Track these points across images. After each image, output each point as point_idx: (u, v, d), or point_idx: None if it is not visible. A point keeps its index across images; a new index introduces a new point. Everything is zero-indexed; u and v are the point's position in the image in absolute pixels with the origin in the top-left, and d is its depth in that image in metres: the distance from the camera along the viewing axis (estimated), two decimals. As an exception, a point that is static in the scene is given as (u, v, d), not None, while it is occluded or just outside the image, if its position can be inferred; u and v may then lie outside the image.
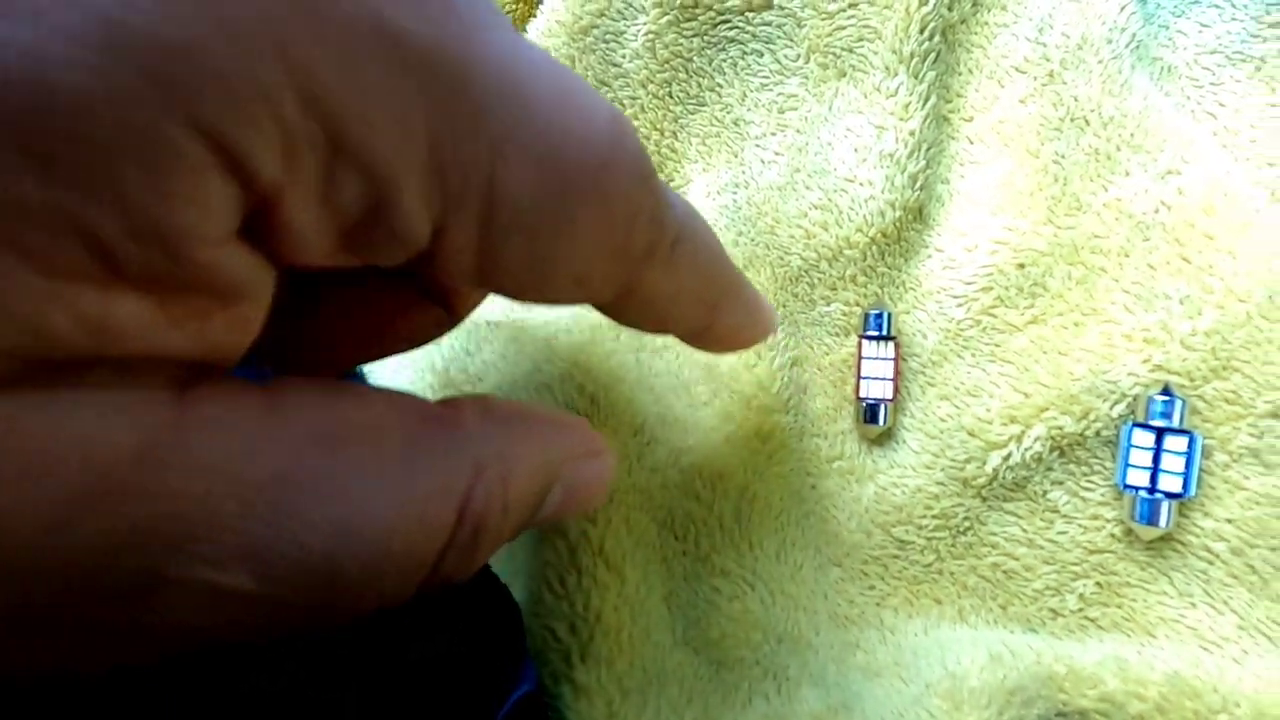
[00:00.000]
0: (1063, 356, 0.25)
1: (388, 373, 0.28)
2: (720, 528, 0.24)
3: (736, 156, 0.30)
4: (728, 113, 0.30)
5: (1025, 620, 0.24)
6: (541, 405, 0.23)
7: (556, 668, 0.18)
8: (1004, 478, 0.25)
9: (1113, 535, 0.24)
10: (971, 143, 0.28)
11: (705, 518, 0.24)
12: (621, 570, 0.20)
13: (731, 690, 0.21)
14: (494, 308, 0.29)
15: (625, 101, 0.30)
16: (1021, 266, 0.26)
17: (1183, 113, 0.27)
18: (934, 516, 0.25)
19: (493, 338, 0.27)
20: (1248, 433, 0.22)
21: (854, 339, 0.27)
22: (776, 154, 0.29)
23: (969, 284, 0.27)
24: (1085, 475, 0.24)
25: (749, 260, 0.29)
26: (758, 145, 0.29)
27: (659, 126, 0.30)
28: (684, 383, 0.28)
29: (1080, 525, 0.24)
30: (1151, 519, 0.22)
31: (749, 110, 0.30)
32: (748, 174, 0.29)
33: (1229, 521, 0.22)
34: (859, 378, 0.26)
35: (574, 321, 0.28)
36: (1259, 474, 0.22)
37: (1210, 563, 0.23)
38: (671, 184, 0.31)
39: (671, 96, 0.30)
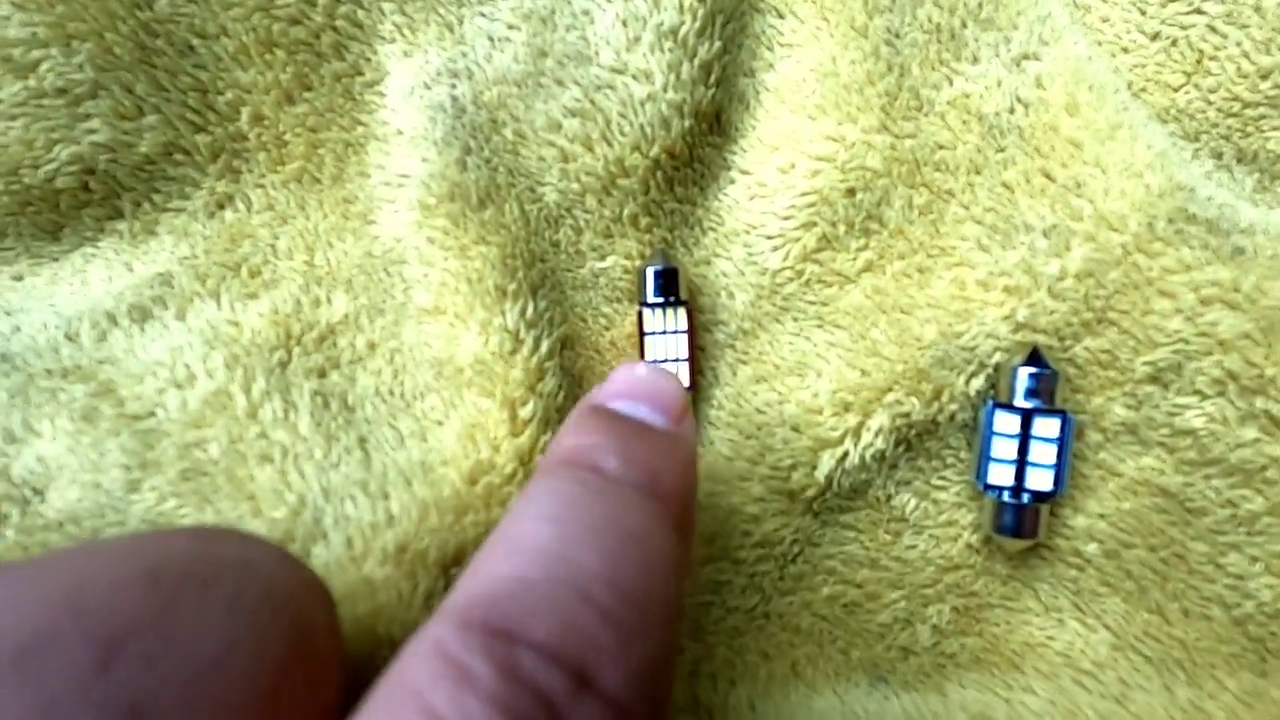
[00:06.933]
0: (906, 316, 0.19)
1: None
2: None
3: (452, 31, 0.19)
4: (433, -38, 0.19)
5: (872, 665, 0.18)
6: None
7: None
8: (840, 484, 0.18)
9: (969, 546, 0.18)
10: (781, 15, 0.20)
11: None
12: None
13: None
14: (44, 332, 0.18)
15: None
16: (851, 193, 0.19)
17: (1029, -22, 0.21)
18: (755, 545, 0.19)
19: (54, 409, 0.16)
20: (1124, 404, 0.17)
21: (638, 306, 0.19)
22: (510, 27, 0.19)
23: (786, 219, 0.19)
24: (936, 471, 0.19)
25: (486, 193, 0.19)
26: (482, 14, 0.19)
27: (327, -17, 0.19)
28: (405, 396, 0.18)
29: (932, 536, 0.19)
30: (1019, 529, 0.17)
31: (465, -42, 0.19)
32: (471, 57, 0.19)
33: (1102, 517, 0.18)
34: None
35: (193, 366, 0.17)
36: (1135, 454, 0.18)
37: (1081, 569, 0.18)
38: (360, 77, 0.20)
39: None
